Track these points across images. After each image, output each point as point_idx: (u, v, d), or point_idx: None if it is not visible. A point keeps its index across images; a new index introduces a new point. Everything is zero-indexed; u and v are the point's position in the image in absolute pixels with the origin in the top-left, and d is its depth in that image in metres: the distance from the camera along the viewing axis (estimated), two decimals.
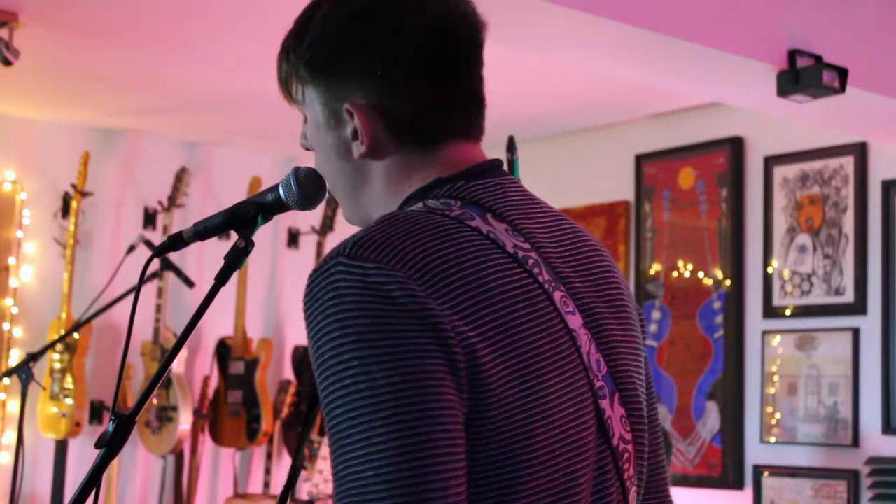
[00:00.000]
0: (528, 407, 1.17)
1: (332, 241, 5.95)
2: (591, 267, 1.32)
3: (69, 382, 5.25)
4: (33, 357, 3.93)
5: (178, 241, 1.49)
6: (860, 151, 4.64)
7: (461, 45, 1.31)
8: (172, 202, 5.66)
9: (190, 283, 4.53)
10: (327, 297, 1.14)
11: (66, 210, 5.50)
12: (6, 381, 4.87)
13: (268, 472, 5.73)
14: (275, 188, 1.43)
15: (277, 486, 5.83)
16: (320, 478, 5.39)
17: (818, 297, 4.71)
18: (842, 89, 3.47)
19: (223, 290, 1.42)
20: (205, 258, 5.70)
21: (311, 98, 1.33)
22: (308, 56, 1.31)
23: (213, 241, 1.66)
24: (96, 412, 5.53)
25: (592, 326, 1.27)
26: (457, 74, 1.31)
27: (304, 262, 6.09)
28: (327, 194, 1.42)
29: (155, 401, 5.43)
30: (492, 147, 1.39)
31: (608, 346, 1.28)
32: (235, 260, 1.42)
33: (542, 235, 1.29)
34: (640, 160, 5.33)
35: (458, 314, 1.15)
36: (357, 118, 1.29)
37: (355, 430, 1.11)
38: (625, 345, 1.31)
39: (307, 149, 1.40)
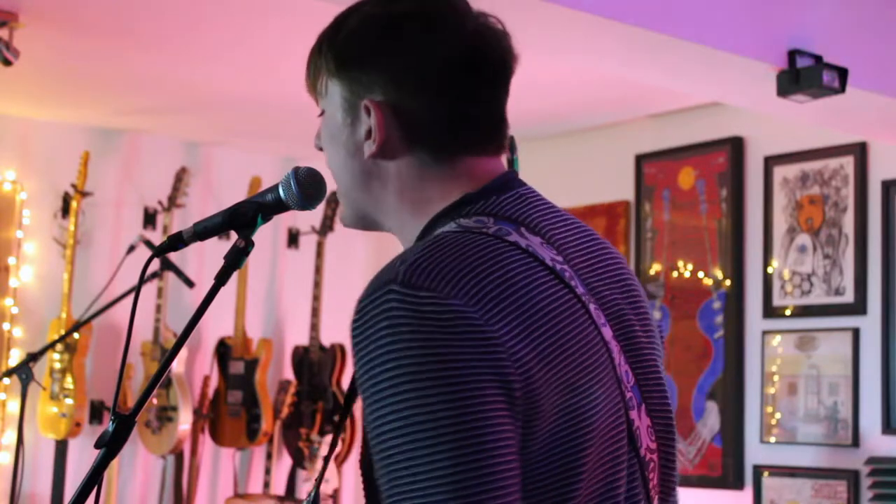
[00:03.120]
0: (574, 424, 1.18)
1: (332, 241, 5.94)
2: (615, 272, 1.34)
3: (69, 382, 5.25)
4: (33, 357, 3.93)
5: (178, 241, 1.50)
6: (860, 151, 4.64)
7: (490, 67, 1.34)
8: (172, 202, 5.66)
9: (190, 283, 4.53)
10: (380, 325, 1.13)
11: (66, 210, 5.50)
12: (6, 381, 4.87)
13: (268, 472, 5.73)
14: (275, 188, 1.43)
15: (277, 486, 5.83)
16: None
17: (818, 297, 4.70)
18: (842, 89, 3.47)
19: (223, 290, 1.42)
20: (205, 258, 5.70)
21: (333, 91, 1.34)
22: (339, 47, 1.33)
23: (213, 241, 1.66)
24: (96, 412, 5.53)
25: (622, 336, 1.29)
26: (479, 93, 1.33)
27: (303, 262, 6.09)
28: (327, 194, 1.42)
29: (155, 401, 5.43)
30: None
31: (636, 356, 1.30)
32: (235, 260, 1.42)
33: (570, 245, 1.30)
34: (640, 160, 5.33)
35: (514, 337, 1.15)
36: (374, 114, 1.30)
37: (414, 461, 1.10)
38: (650, 351, 1.33)
39: (319, 149, 1.40)
